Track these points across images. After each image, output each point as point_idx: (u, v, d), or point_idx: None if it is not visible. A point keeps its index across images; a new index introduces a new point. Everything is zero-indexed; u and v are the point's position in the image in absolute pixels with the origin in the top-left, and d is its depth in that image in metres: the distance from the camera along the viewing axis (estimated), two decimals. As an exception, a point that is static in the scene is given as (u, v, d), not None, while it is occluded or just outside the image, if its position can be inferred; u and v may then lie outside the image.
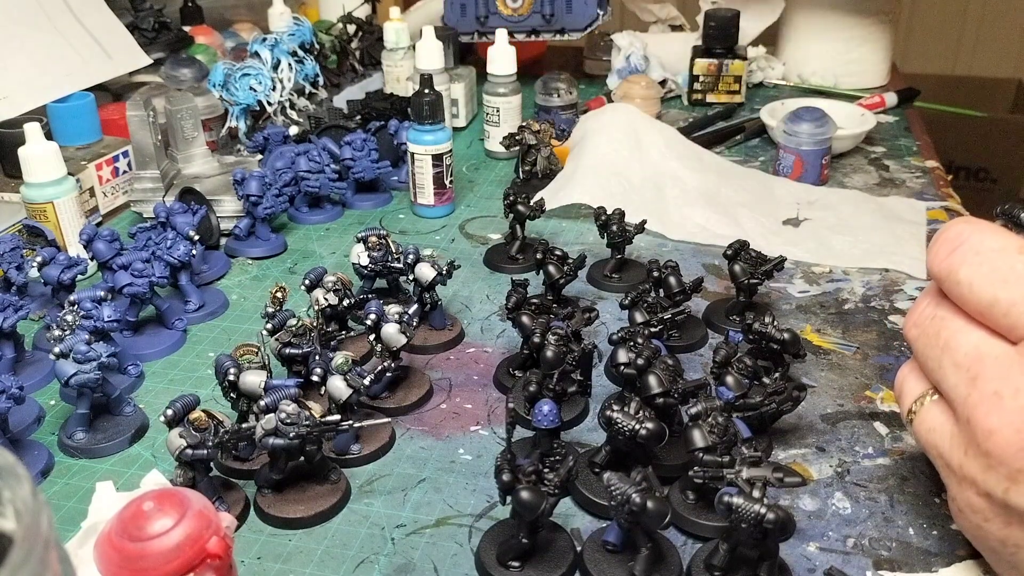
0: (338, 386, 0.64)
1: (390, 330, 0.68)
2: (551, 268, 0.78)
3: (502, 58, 1.18)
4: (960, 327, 0.49)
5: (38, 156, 0.87)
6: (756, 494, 0.49)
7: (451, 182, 1.02)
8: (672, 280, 0.75)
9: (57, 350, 0.64)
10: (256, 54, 1.18)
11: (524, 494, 0.51)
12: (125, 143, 1.05)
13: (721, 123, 1.28)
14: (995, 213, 0.53)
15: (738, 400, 0.61)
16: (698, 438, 0.55)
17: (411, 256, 0.79)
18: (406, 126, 1.06)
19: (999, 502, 0.46)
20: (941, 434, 0.50)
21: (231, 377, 0.64)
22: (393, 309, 0.69)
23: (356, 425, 0.61)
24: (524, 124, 1.07)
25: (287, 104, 1.18)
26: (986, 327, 0.47)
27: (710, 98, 1.36)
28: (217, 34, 1.46)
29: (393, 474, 0.64)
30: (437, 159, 0.99)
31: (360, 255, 0.81)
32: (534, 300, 0.73)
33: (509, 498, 0.52)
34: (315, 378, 0.68)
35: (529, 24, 1.23)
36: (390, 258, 0.81)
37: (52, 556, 0.25)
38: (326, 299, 0.75)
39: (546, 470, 0.52)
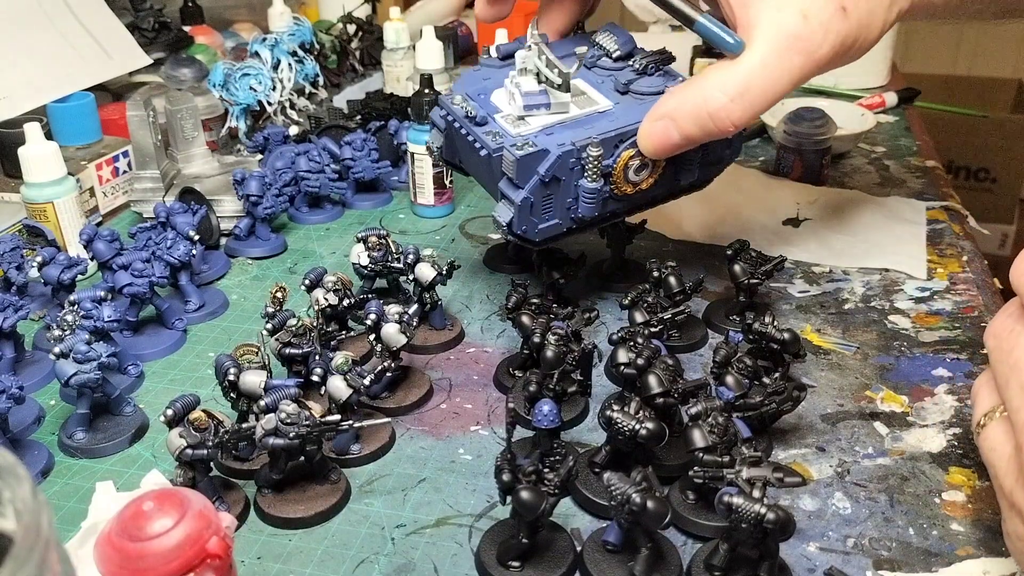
0: (338, 386, 0.64)
1: (390, 330, 0.68)
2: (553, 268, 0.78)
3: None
4: None
5: (38, 156, 0.87)
6: (756, 494, 0.49)
7: (451, 182, 1.02)
8: (672, 280, 0.75)
9: (57, 350, 0.64)
10: (256, 54, 1.18)
11: (524, 494, 0.51)
12: (125, 143, 1.05)
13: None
14: None
15: (738, 400, 0.61)
16: (698, 438, 0.55)
17: (411, 256, 0.79)
18: (406, 126, 1.06)
19: None
20: (1000, 455, 0.48)
21: (231, 377, 0.64)
22: (393, 309, 0.69)
23: (356, 425, 0.61)
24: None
25: (287, 104, 1.18)
26: None
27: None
28: (217, 34, 1.46)
29: (393, 474, 0.64)
30: (437, 159, 0.99)
31: (360, 255, 0.81)
32: (534, 300, 0.73)
33: (509, 498, 0.52)
34: (315, 378, 0.68)
35: (652, 195, 0.79)
36: (390, 258, 0.81)
37: (52, 556, 0.25)
38: (326, 299, 0.75)
39: (546, 470, 0.52)
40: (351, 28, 1.39)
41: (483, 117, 0.73)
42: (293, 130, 1.13)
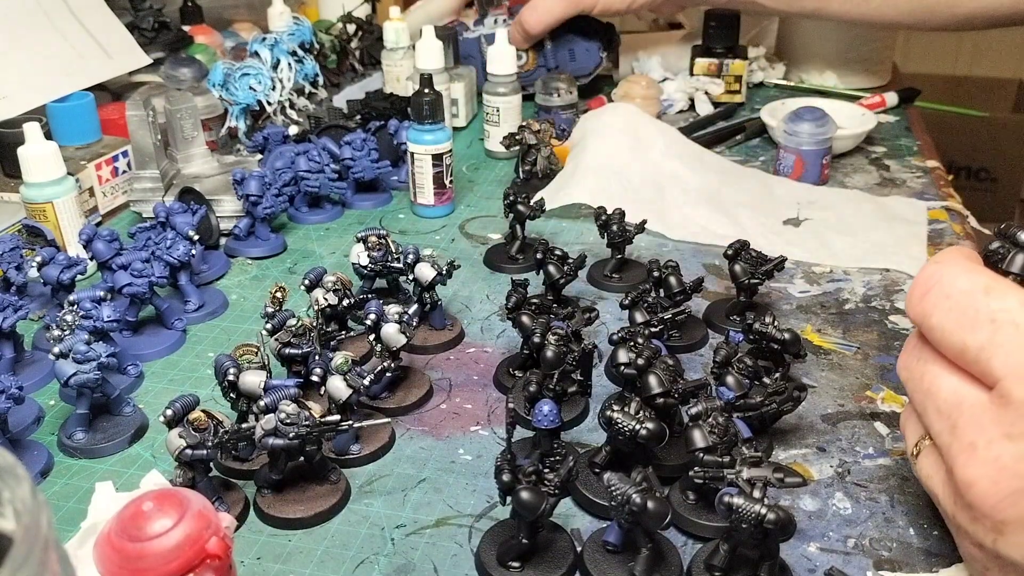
0: (338, 386, 0.63)
1: (390, 330, 0.68)
2: (551, 268, 0.78)
3: (502, 58, 1.17)
4: (939, 372, 0.48)
5: (38, 156, 0.87)
6: (756, 494, 0.49)
7: (451, 182, 1.02)
8: (672, 280, 0.75)
9: (57, 350, 0.64)
10: (256, 54, 1.18)
11: (524, 494, 0.51)
12: (125, 143, 1.05)
13: (721, 123, 1.28)
14: (994, 233, 0.51)
15: (738, 400, 0.61)
16: (698, 438, 0.55)
17: (411, 256, 0.79)
18: (406, 126, 1.06)
19: (991, 552, 0.45)
20: (936, 482, 0.49)
21: (231, 377, 0.64)
22: (393, 309, 0.69)
23: (356, 425, 0.60)
24: (524, 124, 1.07)
25: (287, 104, 1.18)
26: (964, 371, 0.47)
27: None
28: (217, 34, 1.45)
29: (393, 474, 0.64)
30: (437, 159, 0.99)
31: (360, 255, 0.81)
32: (534, 300, 0.73)
33: (509, 498, 0.51)
34: (315, 378, 0.67)
35: (536, 76, 1.27)
36: (390, 258, 0.81)
37: (52, 556, 0.25)
38: (326, 299, 0.75)
39: (546, 470, 0.52)
40: (351, 28, 1.38)
41: None
42: (293, 130, 1.13)
